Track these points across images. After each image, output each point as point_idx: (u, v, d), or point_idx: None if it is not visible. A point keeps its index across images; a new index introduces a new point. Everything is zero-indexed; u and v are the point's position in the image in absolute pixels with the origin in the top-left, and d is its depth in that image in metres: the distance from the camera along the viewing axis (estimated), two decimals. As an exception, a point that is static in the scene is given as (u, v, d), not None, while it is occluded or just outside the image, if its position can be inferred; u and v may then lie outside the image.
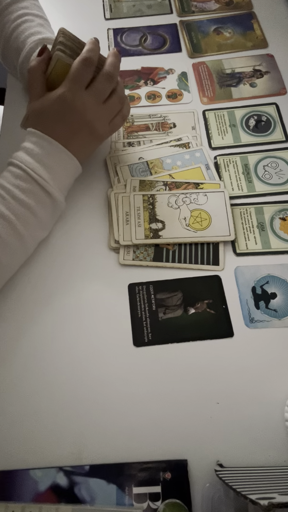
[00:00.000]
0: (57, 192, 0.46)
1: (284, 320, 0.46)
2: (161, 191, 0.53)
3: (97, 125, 0.48)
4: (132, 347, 0.45)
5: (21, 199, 0.44)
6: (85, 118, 0.47)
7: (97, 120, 0.48)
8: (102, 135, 0.50)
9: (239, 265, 0.49)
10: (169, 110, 0.61)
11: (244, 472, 0.37)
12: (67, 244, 0.51)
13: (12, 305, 0.47)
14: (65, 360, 0.44)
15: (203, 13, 0.72)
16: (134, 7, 0.73)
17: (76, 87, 0.47)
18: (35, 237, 0.47)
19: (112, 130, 0.52)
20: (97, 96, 0.48)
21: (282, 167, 0.55)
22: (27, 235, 0.45)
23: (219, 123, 0.60)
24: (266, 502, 0.27)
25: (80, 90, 0.47)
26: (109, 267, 0.49)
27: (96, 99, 0.48)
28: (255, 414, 0.41)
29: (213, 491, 0.37)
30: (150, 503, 0.38)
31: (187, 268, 0.49)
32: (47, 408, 0.42)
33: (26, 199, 0.44)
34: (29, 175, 0.45)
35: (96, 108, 0.48)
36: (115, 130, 0.53)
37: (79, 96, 0.47)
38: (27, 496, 0.38)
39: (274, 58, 0.66)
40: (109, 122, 0.50)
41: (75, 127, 0.48)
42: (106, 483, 0.38)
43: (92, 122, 0.48)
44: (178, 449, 0.40)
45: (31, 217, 0.45)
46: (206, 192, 0.53)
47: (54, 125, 0.47)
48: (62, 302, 0.47)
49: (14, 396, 0.43)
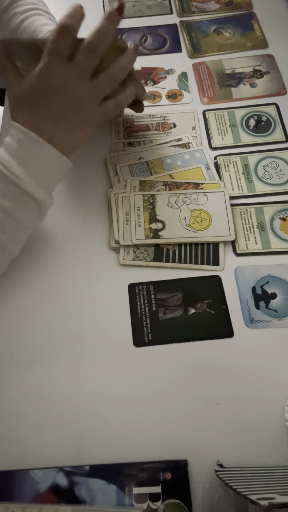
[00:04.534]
0: (37, 190, 0.42)
1: (284, 320, 0.46)
2: (161, 191, 0.53)
3: (81, 105, 0.43)
4: (132, 347, 0.45)
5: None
6: (66, 94, 0.42)
7: (82, 98, 0.42)
8: (91, 116, 0.44)
9: (239, 265, 0.49)
10: (169, 110, 0.61)
11: (244, 472, 0.37)
12: (67, 244, 0.51)
13: (12, 305, 0.47)
14: (65, 360, 0.44)
15: (203, 14, 0.72)
16: (134, 7, 0.73)
17: (54, 59, 0.40)
18: (16, 239, 0.44)
19: (103, 114, 0.45)
20: (80, 70, 0.41)
21: (282, 167, 0.55)
22: (4, 238, 0.42)
23: (219, 123, 0.60)
24: (266, 502, 0.27)
25: (59, 63, 0.40)
26: (109, 267, 0.49)
27: (79, 74, 0.41)
28: (255, 414, 0.41)
29: (213, 491, 0.37)
30: (150, 503, 0.38)
31: (187, 268, 0.49)
32: (47, 408, 0.42)
33: (0, 200, 0.40)
34: (2, 173, 0.40)
35: (80, 84, 0.42)
36: (107, 116, 0.46)
37: (58, 70, 0.41)
38: (27, 496, 0.38)
39: (274, 58, 0.66)
40: (98, 103, 0.44)
41: (58, 109, 0.42)
42: (106, 483, 0.38)
43: (76, 100, 0.42)
44: (178, 449, 0.40)
45: (6, 219, 0.41)
46: (206, 192, 0.53)
47: (34, 112, 0.42)
48: (62, 302, 0.47)
49: (14, 396, 0.43)
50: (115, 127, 0.60)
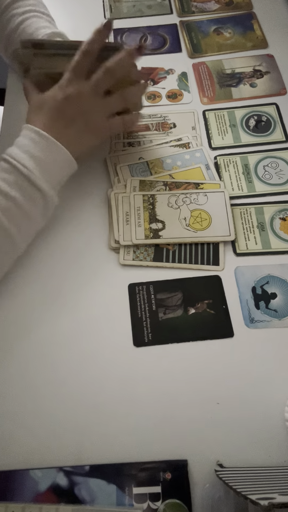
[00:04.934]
0: (46, 185, 0.44)
1: (284, 320, 0.46)
2: (161, 191, 0.53)
3: (92, 116, 0.48)
4: (132, 347, 0.45)
5: (5, 192, 0.42)
6: (80, 107, 0.47)
7: (92, 111, 0.48)
8: (98, 129, 0.49)
9: (239, 265, 0.49)
10: (169, 110, 0.61)
11: (244, 472, 0.37)
12: (67, 244, 0.51)
13: (12, 305, 0.47)
14: (65, 360, 0.44)
15: (203, 13, 0.72)
16: (134, 7, 0.73)
17: (73, 76, 0.47)
18: (23, 232, 0.45)
19: (110, 128, 0.51)
20: (94, 87, 0.47)
21: (282, 167, 0.55)
22: (12, 229, 0.43)
23: (219, 123, 0.60)
24: (266, 502, 0.27)
25: (77, 80, 0.47)
26: (109, 267, 0.49)
27: (93, 90, 0.47)
28: (255, 414, 0.41)
29: (213, 491, 0.37)
30: (150, 503, 0.38)
31: (187, 268, 0.49)
32: (47, 408, 0.42)
33: (11, 191, 0.42)
34: (14, 166, 0.43)
35: (93, 99, 0.47)
36: (113, 130, 0.52)
37: (75, 85, 0.47)
38: (27, 496, 0.38)
39: (274, 58, 0.66)
40: (106, 117, 0.49)
41: (69, 117, 0.47)
42: (106, 483, 0.38)
43: (88, 111, 0.47)
44: (178, 449, 0.40)
45: (16, 210, 0.43)
46: (206, 192, 0.53)
47: (48, 116, 0.46)
48: (62, 302, 0.47)
49: (14, 396, 0.43)
50: (115, 127, 0.60)
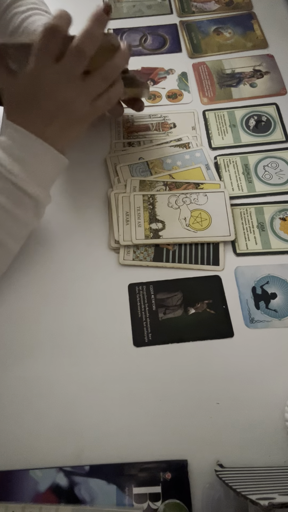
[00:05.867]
0: (34, 187, 0.42)
1: (284, 320, 0.46)
2: (161, 191, 0.53)
3: (73, 105, 0.43)
4: (132, 347, 0.45)
5: None
6: (57, 98, 0.42)
7: (72, 100, 0.43)
8: (82, 117, 0.45)
9: (239, 265, 0.49)
10: (169, 110, 0.61)
11: (244, 472, 0.37)
12: (67, 244, 0.51)
13: (12, 305, 0.47)
14: (65, 360, 0.44)
15: (203, 14, 0.72)
16: (134, 7, 0.73)
17: (42, 60, 0.41)
18: (14, 236, 0.44)
19: (95, 111, 0.46)
20: (69, 71, 0.41)
21: (282, 167, 0.55)
22: (2, 235, 0.42)
23: (219, 123, 0.60)
24: (266, 502, 0.27)
25: (48, 65, 0.41)
26: (109, 267, 0.49)
27: (68, 75, 0.42)
28: (255, 414, 0.41)
29: (213, 491, 0.37)
30: (150, 503, 0.38)
31: (187, 268, 0.49)
32: (47, 408, 0.42)
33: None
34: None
35: (70, 86, 0.42)
36: (99, 112, 0.46)
37: (47, 73, 0.41)
38: (27, 496, 0.38)
39: (274, 58, 0.66)
40: (90, 102, 0.44)
41: (49, 110, 0.42)
42: (106, 483, 0.38)
43: (67, 103, 0.43)
44: (178, 449, 0.40)
45: (4, 216, 0.41)
46: (206, 192, 0.53)
47: (26, 111, 0.42)
48: (62, 302, 0.47)
49: (14, 396, 0.43)
50: (115, 127, 0.60)
